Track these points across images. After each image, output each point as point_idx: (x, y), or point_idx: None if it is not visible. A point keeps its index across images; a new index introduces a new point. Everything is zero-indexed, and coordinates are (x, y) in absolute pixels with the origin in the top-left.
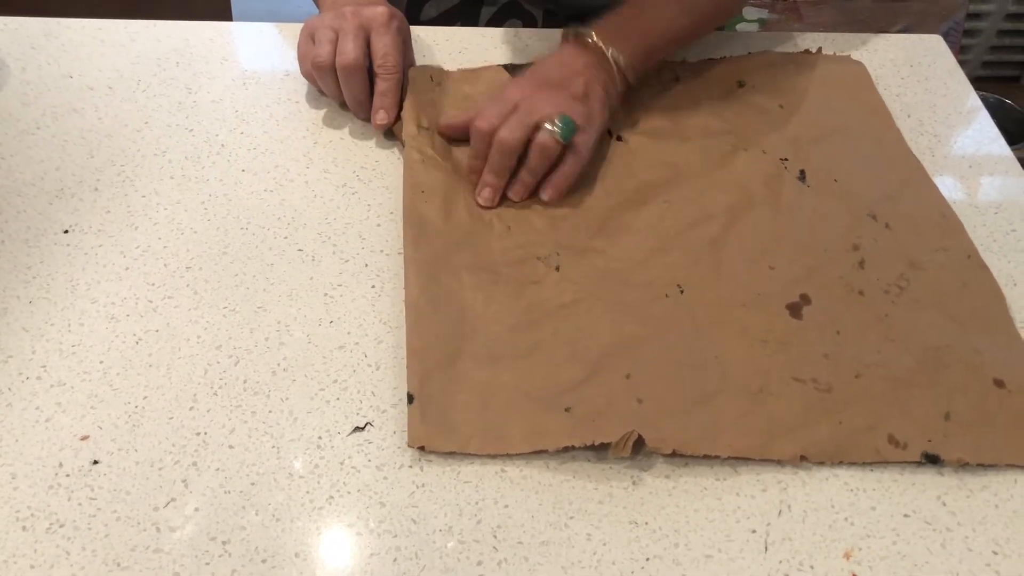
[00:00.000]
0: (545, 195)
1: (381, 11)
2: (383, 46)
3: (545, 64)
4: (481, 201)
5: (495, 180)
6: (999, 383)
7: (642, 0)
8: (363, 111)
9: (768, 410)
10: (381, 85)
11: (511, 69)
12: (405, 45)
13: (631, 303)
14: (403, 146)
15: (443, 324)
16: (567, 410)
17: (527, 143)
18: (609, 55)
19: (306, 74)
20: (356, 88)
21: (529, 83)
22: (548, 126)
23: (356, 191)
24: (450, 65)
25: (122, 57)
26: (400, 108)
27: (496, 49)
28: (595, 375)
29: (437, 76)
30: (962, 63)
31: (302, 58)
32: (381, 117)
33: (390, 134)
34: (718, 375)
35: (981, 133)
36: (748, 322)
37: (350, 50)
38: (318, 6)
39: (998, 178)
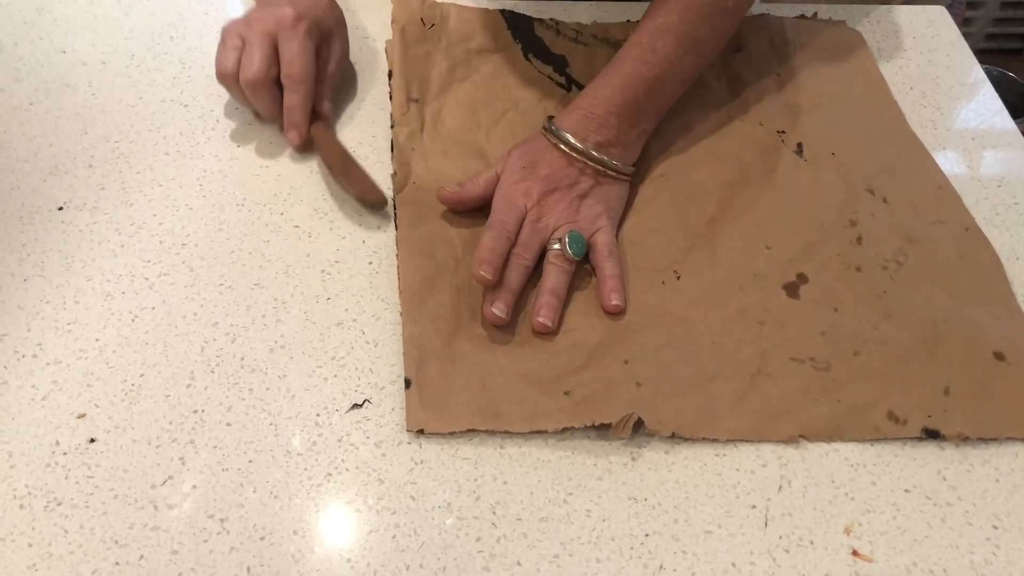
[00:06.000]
0: (611, 306)
1: (286, 12)
2: (289, 52)
3: (546, 158)
4: (496, 311)
5: (509, 296)
6: (999, 356)
7: (643, 52)
8: (280, 124)
9: (766, 391)
10: (288, 99)
11: (508, 17)
12: (324, 45)
13: (628, 290)
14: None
15: (439, 306)
16: (566, 393)
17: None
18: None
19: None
20: (265, 102)
21: (536, 183)
22: (556, 247)
23: None
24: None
25: (116, 31)
26: (310, 120)
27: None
28: (593, 361)
29: (428, 16)
30: (965, 36)
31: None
32: (292, 137)
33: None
34: (715, 358)
35: (984, 106)
36: (745, 304)
37: (255, 61)
38: None
39: (1001, 151)
